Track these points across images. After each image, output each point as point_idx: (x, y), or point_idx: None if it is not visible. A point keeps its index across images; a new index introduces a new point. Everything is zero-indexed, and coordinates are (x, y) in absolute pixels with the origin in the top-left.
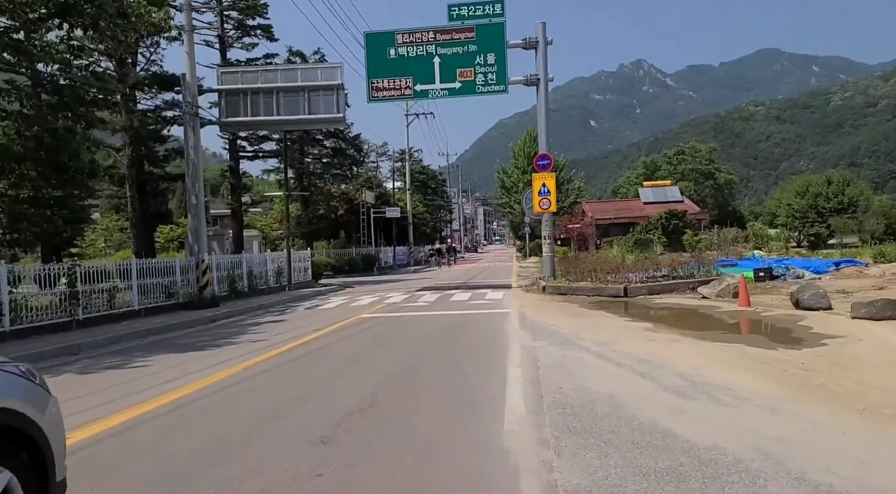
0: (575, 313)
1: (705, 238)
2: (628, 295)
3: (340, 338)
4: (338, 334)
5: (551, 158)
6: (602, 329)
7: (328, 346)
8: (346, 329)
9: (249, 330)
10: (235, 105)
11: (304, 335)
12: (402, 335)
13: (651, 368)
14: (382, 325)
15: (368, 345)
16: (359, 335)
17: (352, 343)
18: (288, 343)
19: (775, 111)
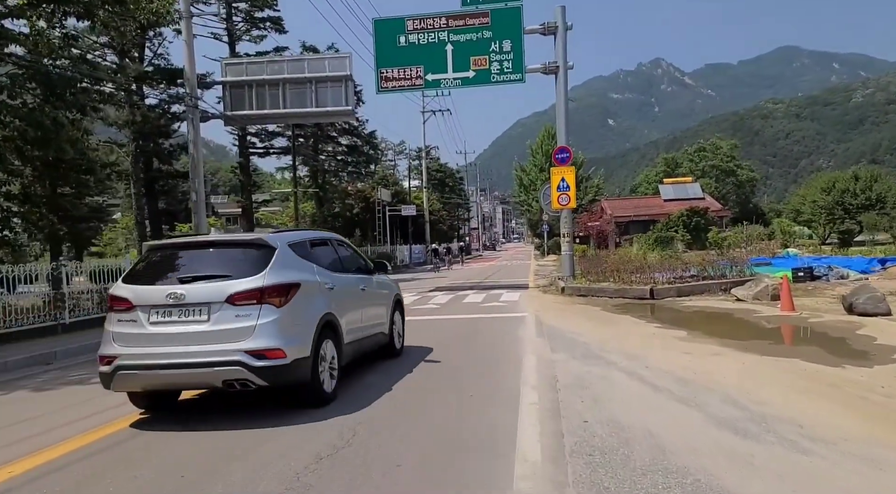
0: (597, 317)
1: (730, 235)
2: (655, 297)
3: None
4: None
5: (571, 152)
6: (629, 338)
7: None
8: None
9: None
10: (240, 98)
11: None
12: (414, 338)
13: (694, 391)
14: None
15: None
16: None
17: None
18: None
19: (795, 109)
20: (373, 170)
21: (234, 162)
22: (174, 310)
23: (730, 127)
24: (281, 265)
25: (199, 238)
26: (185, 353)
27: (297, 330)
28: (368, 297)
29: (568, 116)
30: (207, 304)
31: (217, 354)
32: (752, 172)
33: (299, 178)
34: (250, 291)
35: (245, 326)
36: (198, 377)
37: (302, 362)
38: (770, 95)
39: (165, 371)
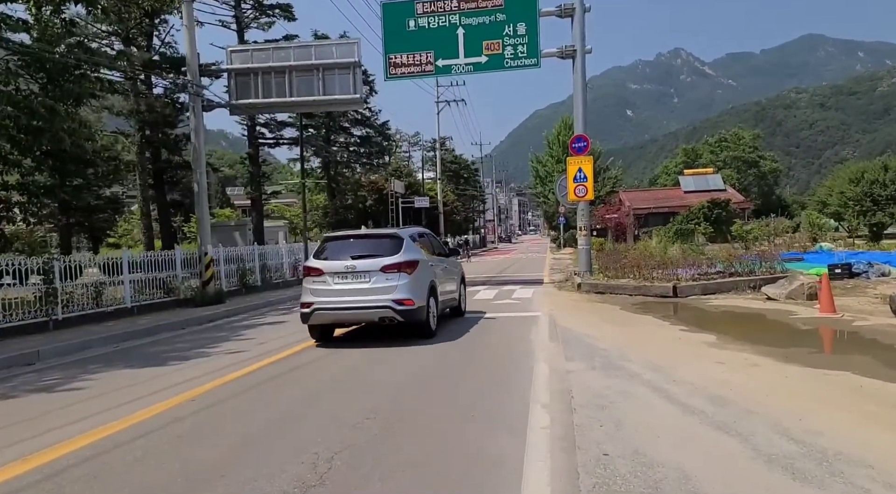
0: (616, 318)
1: (755, 228)
2: (678, 295)
3: (329, 351)
4: (330, 345)
5: (588, 141)
6: (652, 343)
7: (311, 363)
8: (355, 332)
9: (239, 335)
10: (246, 86)
11: (293, 344)
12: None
13: (734, 415)
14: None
15: (356, 365)
16: (352, 348)
17: (339, 361)
18: (266, 357)
19: (819, 98)
20: (386, 161)
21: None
22: (349, 275)
23: (751, 117)
24: (408, 249)
25: (358, 232)
26: (356, 301)
27: (418, 289)
28: (448, 272)
29: (586, 104)
30: (368, 272)
31: (376, 302)
32: (775, 163)
33: (312, 169)
34: (393, 264)
35: (391, 285)
36: (364, 316)
37: (421, 308)
38: (793, 85)
39: (344, 312)
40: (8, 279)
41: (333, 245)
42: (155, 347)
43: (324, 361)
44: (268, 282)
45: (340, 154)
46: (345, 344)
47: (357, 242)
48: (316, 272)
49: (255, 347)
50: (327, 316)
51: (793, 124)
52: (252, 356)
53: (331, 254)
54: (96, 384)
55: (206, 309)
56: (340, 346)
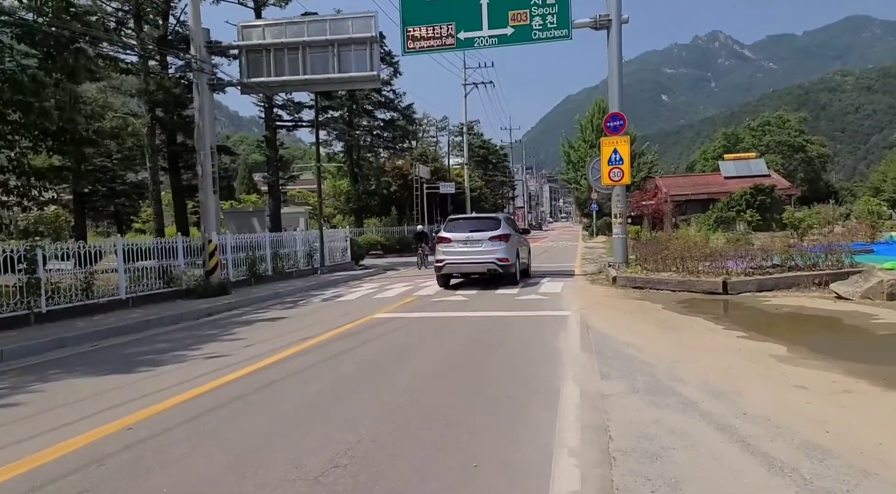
0: (660, 320)
1: (808, 215)
2: (729, 292)
3: (320, 359)
4: (323, 349)
5: (625, 119)
6: (707, 355)
7: (295, 375)
8: (340, 340)
9: (230, 334)
10: (258, 64)
11: (286, 346)
12: (407, 357)
13: (843, 480)
14: (389, 335)
15: (346, 380)
16: (345, 358)
17: (328, 374)
18: (250, 364)
19: (866, 81)
20: (411, 145)
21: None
22: (468, 242)
23: (793, 101)
24: (503, 227)
25: (471, 215)
26: (472, 259)
27: (510, 253)
28: (522, 244)
29: (621, 79)
30: (480, 240)
31: (485, 259)
32: (823, 148)
33: (335, 154)
34: (496, 236)
35: (495, 249)
36: (477, 268)
37: (512, 265)
38: (838, 67)
39: (464, 265)
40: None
41: (455, 223)
42: (133, 347)
43: (309, 373)
44: (280, 271)
45: (363, 138)
46: (338, 355)
47: (471, 221)
48: (446, 240)
49: (242, 350)
50: (453, 267)
51: (838, 108)
52: (233, 362)
53: (454, 228)
54: (38, 400)
55: (208, 301)
56: (334, 356)
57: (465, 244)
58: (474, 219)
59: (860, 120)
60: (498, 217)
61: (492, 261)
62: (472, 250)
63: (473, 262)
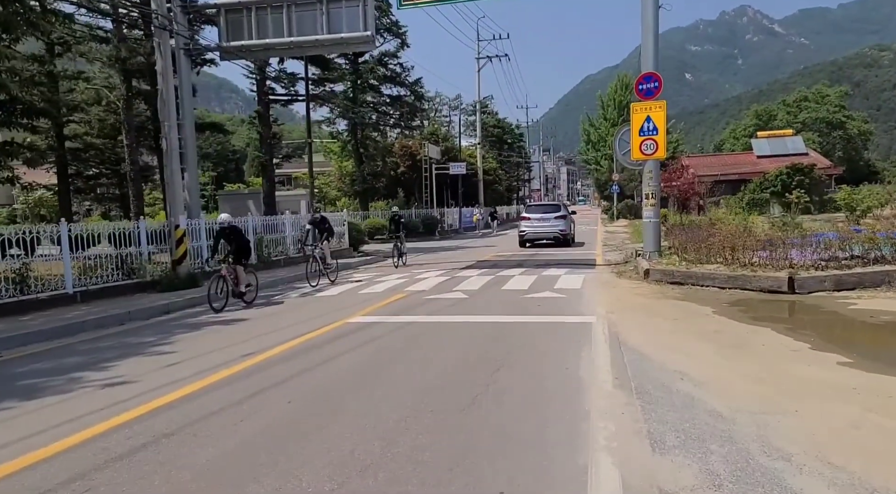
0: (715, 331)
1: (866, 196)
2: (796, 290)
3: (245, 394)
4: (259, 375)
5: (661, 80)
6: (808, 398)
7: (192, 427)
8: (289, 360)
9: (166, 344)
10: (238, 26)
11: (218, 367)
12: (362, 397)
13: None
14: (354, 353)
15: (253, 445)
16: (277, 394)
17: (238, 427)
18: (149, 401)
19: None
20: (420, 124)
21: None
22: (542, 219)
23: (826, 78)
24: (563, 209)
25: (542, 202)
26: (545, 230)
27: (568, 226)
28: (572, 221)
29: (657, 32)
30: (549, 218)
31: (553, 231)
32: (865, 124)
33: (338, 132)
34: (559, 216)
35: (559, 223)
36: (548, 236)
37: (569, 234)
38: (875, 42)
39: (540, 234)
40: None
41: (532, 207)
42: (33, 362)
43: (215, 422)
44: (265, 260)
45: (369, 116)
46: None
47: (542, 206)
48: (527, 219)
49: (158, 373)
50: (532, 235)
51: (874, 85)
52: (133, 394)
53: (532, 211)
54: None
55: (170, 296)
56: (265, 388)
57: (539, 221)
58: (544, 205)
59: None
60: (559, 204)
61: (557, 231)
62: (544, 224)
63: (545, 231)
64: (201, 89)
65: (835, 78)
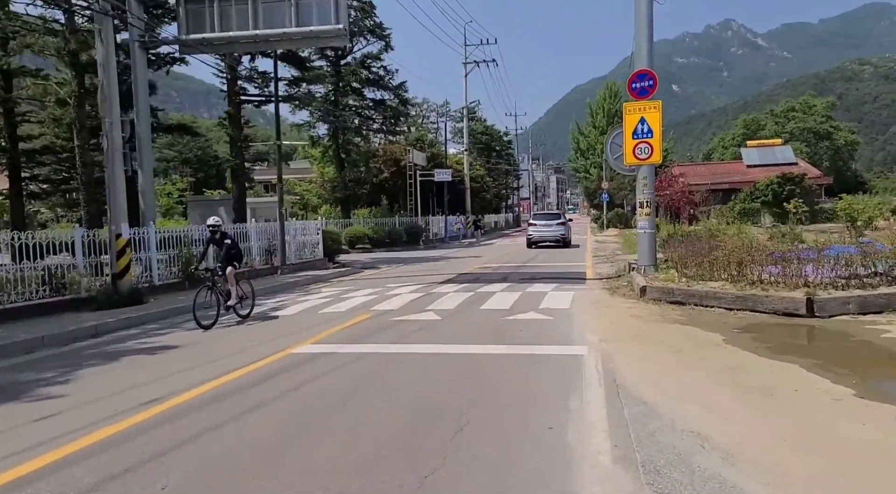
0: (731, 368)
1: (867, 205)
2: (815, 313)
3: (150, 454)
4: (173, 428)
5: (656, 79)
6: (872, 472)
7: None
8: (218, 403)
9: (60, 384)
10: (200, 17)
11: (115, 417)
12: (288, 457)
13: None
14: (285, 401)
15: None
16: (190, 451)
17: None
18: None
19: (884, 70)
20: (403, 129)
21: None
22: (545, 224)
23: (809, 90)
24: (562, 217)
25: (545, 211)
26: (548, 234)
27: (567, 231)
28: (568, 227)
29: (651, 27)
30: (552, 224)
31: (555, 234)
32: (851, 135)
33: (319, 137)
34: (560, 222)
35: (560, 229)
36: (550, 239)
37: (568, 238)
38: (855, 56)
39: (544, 237)
40: None
41: (538, 215)
42: None
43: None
44: None
45: (351, 120)
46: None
47: (546, 214)
48: (534, 224)
49: (12, 435)
50: (538, 237)
51: (855, 98)
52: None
53: (538, 218)
54: None
55: (105, 315)
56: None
57: (544, 226)
58: (547, 213)
59: (878, 110)
60: (559, 213)
61: (558, 235)
62: (548, 229)
63: (548, 235)
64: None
65: (817, 91)
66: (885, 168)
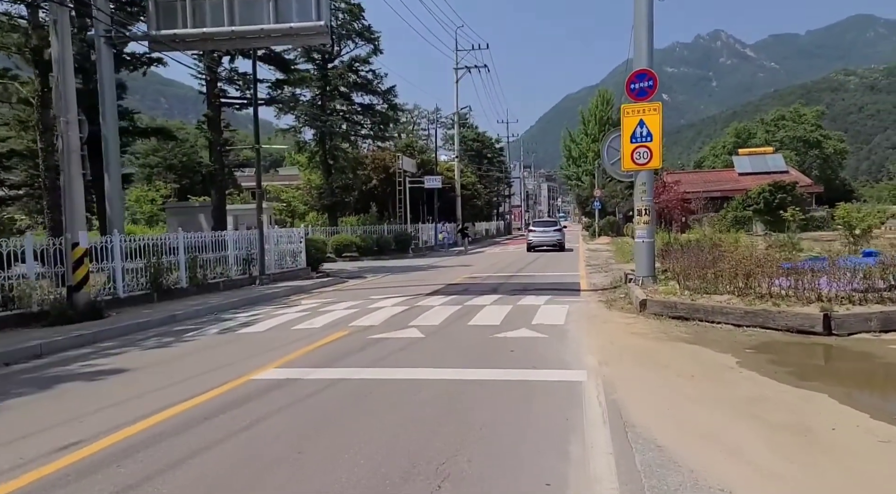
0: (751, 398)
1: (867, 214)
2: (832, 331)
3: None
4: (72, 490)
5: (656, 79)
6: None
7: None
8: (143, 451)
9: None
10: (171, 12)
11: (14, 470)
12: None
13: None
14: (241, 436)
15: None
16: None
17: None
18: None
19: (869, 81)
20: (394, 134)
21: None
22: (544, 230)
23: (796, 100)
24: (558, 224)
25: (543, 219)
26: (545, 239)
27: (562, 236)
28: (563, 233)
29: (652, 22)
30: (549, 230)
31: (551, 240)
32: (840, 144)
33: (304, 142)
34: (556, 229)
35: (557, 235)
36: (547, 243)
37: (563, 243)
38: (841, 67)
39: (542, 241)
40: None
41: (538, 222)
42: None
43: None
44: (200, 283)
45: (338, 125)
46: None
47: (544, 221)
48: (533, 230)
49: None
50: (537, 242)
51: (841, 108)
52: None
53: (537, 225)
54: None
55: (56, 332)
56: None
57: (542, 233)
58: (545, 221)
59: (863, 120)
60: (556, 220)
61: (555, 240)
62: (546, 235)
63: (546, 240)
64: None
65: (804, 101)
66: (870, 177)
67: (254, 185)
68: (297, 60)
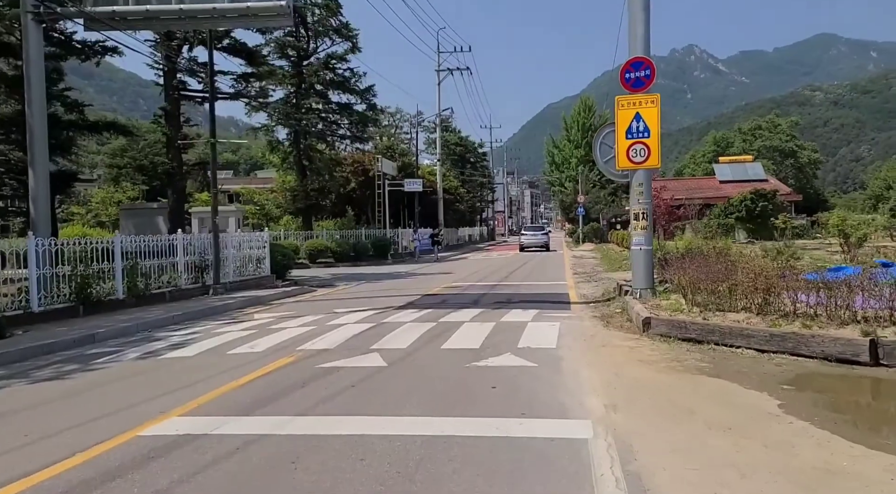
0: (814, 468)
1: (861, 222)
2: (880, 360)
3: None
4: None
5: (653, 68)
6: None
7: None
8: None
9: None
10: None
11: None
12: None
13: None
14: None
15: None
16: None
17: None
18: None
19: (833, 96)
20: (373, 136)
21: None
22: (533, 234)
23: (765, 113)
24: (545, 229)
25: (533, 224)
26: (534, 242)
27: (548, 239)
28: (549, 236)
29: (648, 7)
30: (538, 233)
31: (539, 243)
32: (815, 154)
33: (278, 142)
34: (544, 233)
35: (544, 238)
36: (536, 245)
37: (548, 244)
38: (807, 82)
39: (531, 243)
40: None
41: (528, 227)
42: None
43: None
44: (141, 293)
45: (313, 124)
46: None
47: (534, 226)
48: (524, 234)
49: None
50: (527, 244)
51: (808, 122)
52: None
53: (527, 229)
54: None
55: None
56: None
57: (532, 236)
58: (534, 226)
59: (829, 133)
60: (542, 225)
61: (542, 242)
62: (535, 238)
63: (535, 242)
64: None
65: (776, 114)
66: (837, 188)
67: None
68: (269, 56)
